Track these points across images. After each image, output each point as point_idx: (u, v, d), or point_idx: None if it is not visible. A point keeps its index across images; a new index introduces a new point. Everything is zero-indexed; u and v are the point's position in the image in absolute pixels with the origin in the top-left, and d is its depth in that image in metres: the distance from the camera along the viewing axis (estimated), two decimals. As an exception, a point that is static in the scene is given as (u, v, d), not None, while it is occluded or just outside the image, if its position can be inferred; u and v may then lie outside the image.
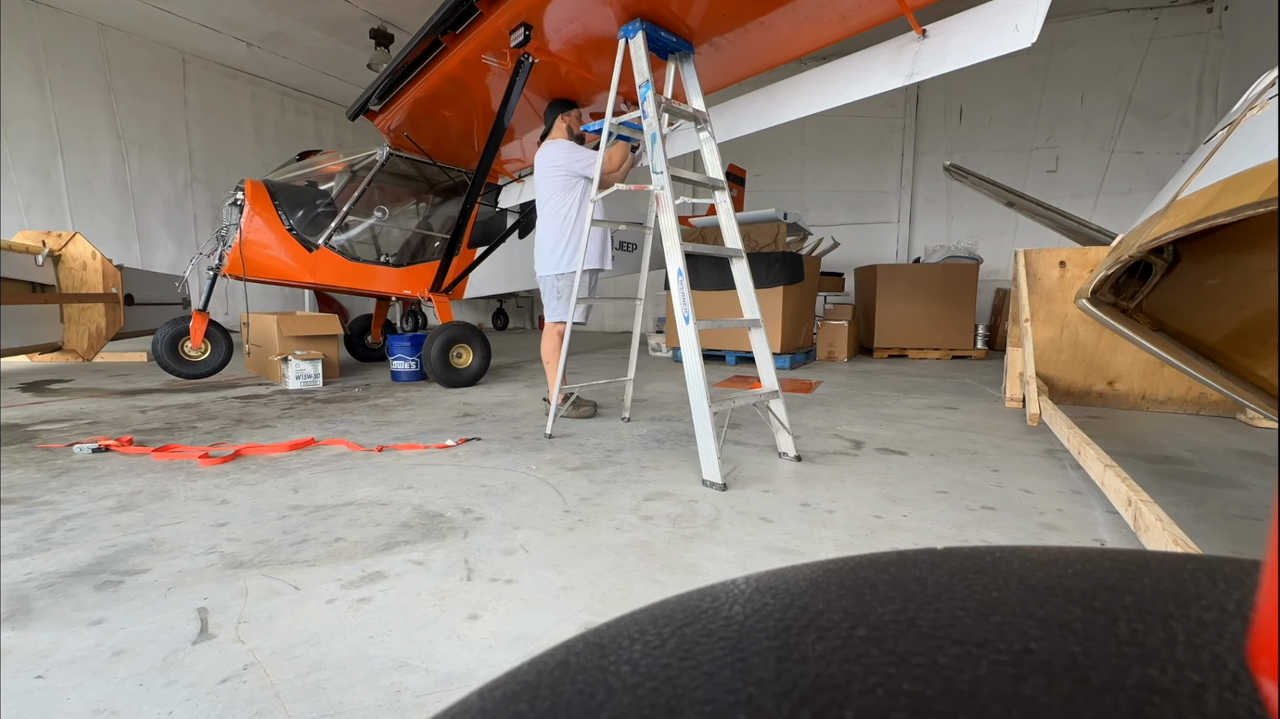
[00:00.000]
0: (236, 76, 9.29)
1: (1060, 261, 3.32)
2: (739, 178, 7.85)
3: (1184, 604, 0.20)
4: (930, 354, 6.03)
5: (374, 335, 5.72)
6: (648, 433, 2.76)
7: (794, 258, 5.16)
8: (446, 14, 2.72)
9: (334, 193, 4.66)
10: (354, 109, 3.90)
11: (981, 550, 0.25)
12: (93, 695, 0.95)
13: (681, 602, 0.24)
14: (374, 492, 1.94)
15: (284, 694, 0.95)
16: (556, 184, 2.95)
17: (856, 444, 2.55)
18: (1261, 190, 0.75)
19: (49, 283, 4.80)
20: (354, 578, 1.34)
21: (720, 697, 0.17)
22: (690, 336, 2.06)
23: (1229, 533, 1.62)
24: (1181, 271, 1.16)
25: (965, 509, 1.79)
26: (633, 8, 2.43)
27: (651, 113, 2.29)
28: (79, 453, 2.38)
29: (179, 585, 1.31)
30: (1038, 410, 2.64)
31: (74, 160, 7.56)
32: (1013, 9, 2.07)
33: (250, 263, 4.21)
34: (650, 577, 1.36)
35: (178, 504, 1.82)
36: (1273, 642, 0.14)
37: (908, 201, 8.91)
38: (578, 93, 3.45)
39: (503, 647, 1.09)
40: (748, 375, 4.69)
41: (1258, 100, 0.93)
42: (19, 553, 1.48)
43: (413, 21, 7.78)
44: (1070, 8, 7.47)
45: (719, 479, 1.96)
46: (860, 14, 2.49)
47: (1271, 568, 0.14)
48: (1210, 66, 7.25)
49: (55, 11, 7.32)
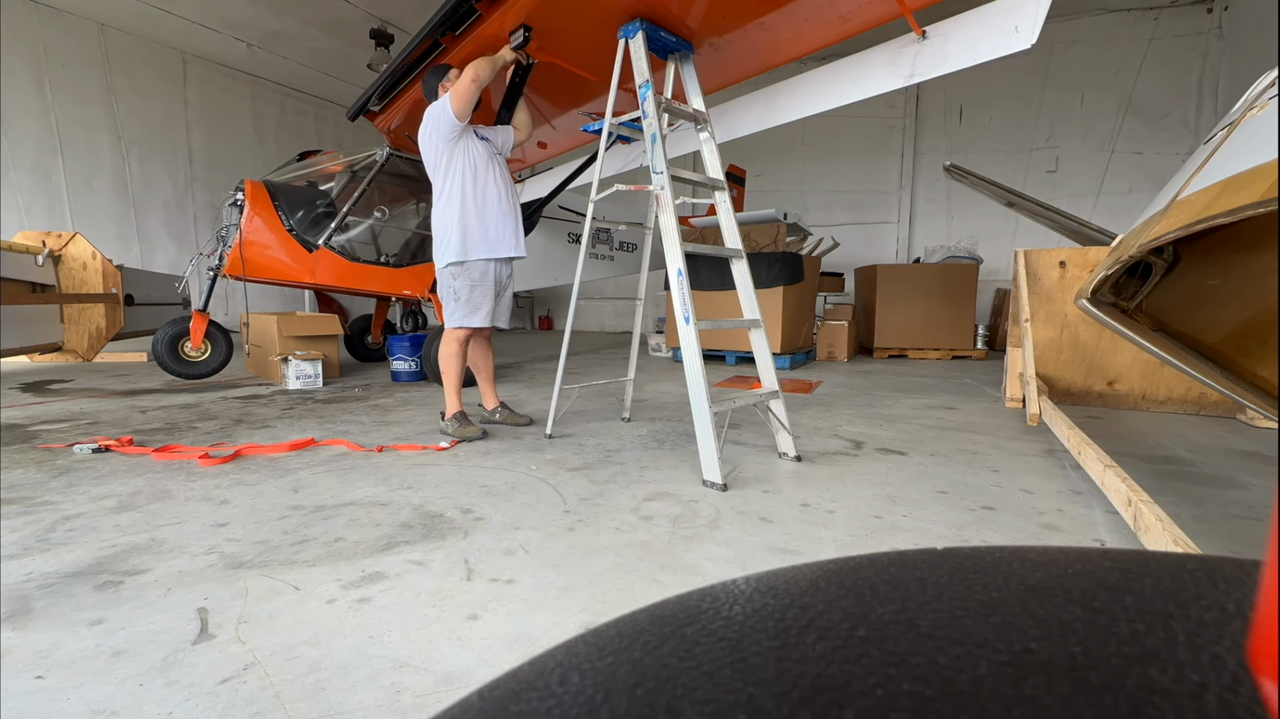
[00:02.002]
0: (236, 77, 9.29)
1: (1060, 261, 3.32)
2: (739, 178, 7.85)
3: (1184, 604, 0.20)
4: (930, 354, 6.03)
5: (374, 335, 5.72)
6: (648, 433, 2.76)
7: (794, 258, 5.16)
8: (446, 15, 2.72)
9: (334, 193, 4.66)
10: (354, 109, 3.90)
11: (981, 550, 0.25)
12: (93, 696, 0.95)
13: (681, 602, 0.24)
14: (374, 492, 1.94)
15: (284, 694, 0.95)
16: (429, 159, 2.62)
17: (856, 444, 2.55)
18: (1261, 190, 0.75)
19: (49, 283, 4.80)
20: (354, 578, 1.34)
21: (720, 697, 0.17)
22: (690, 337, 2.06)
23: (1229, 533, 1.62)
24: (1181, 271, 1.16)
25: (965, 509, 1.79)
26: (633, 8, 2.43)
27: (651, 113, 2.29)
28: (79, 453, 2.38)
29: (179, 585, 1.31)
30: (1038, 410, 2.64)
31: (74, 160, 7.56)
32: (1013, 10, 2.07)
33: (250, 263, 4.21)
34: (650, 577, 1.36)
35: (178, 504, 1.82)
36: (1273, 642, 0.14)
37: (908, 201, 8.91)
38: (578, 94, 3.45)
39: (503, 647, 1.09)
40: (748, 375, 4.69)
41: (1258, 100, 0.93)
42: (19, 553, 1.48)
43: (413, 22, 7.78)
44: (1070, 8, 7.47)
45: (719, 479, 1.96)
46: (860, 15, 2.49)
47: (1271, 568, 0.14)
48: (1210, 67, 7.25)
49: (55, 11, 7.32)
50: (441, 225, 2.64)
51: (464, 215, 2.59)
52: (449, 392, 2.74)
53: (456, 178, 2.58)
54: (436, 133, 2.56)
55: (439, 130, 2.55)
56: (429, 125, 2.59)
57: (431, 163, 2.63)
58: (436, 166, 2.62)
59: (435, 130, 2.56)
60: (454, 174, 2.59)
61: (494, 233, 2.64)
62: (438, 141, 2.57)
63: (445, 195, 2.61)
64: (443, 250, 2.65)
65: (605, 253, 6.28)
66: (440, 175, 2.62)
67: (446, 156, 2.58)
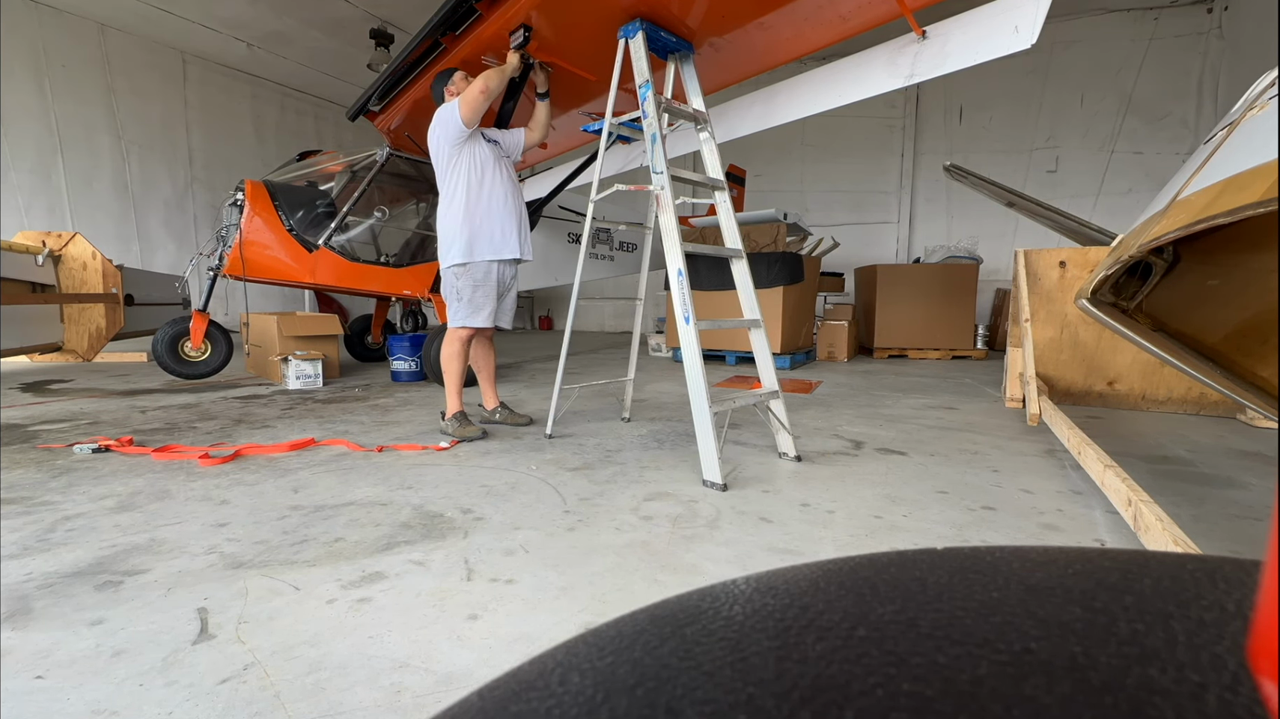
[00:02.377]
0: (236, 77, 9.29)
1: (1060, 261, 3.32)
2: (739, 178, 7.85)
3: (1184, 604, 0.20)
4: (930, 354, 6.03)
5: (374, 335, 5.72)
6: (648, 433, 2.76)
7: (794, 258, 5.16)
8: (446, 15, 2.72)
9: (334, 193, 4.66)
10: (354, 109, 3.90)
11: (981, 550, 0.25)
12: (93, 695, 0.95)
13: (681, 602, 0.24)
14: (374, 492, 1.94)
15: (284, 694, 0.95)
16: (437, 161, 2.66)
17: (856, 444, 2.55)
18: (1261, 190, 0.75)
19: (49, 283, 4.80)
20: (354, 578, 1.34)
21: (720, 697, 0.17)
22: (690, 337, 2.06)
23: (1229, 533, 1.62)
24: (1181, 271, 1.16)
25: (965, 509, 1.79)
26: (632, 8, 2.43)
27: (651, 113, 2.29)
28: (79, 453, 2.38)
29: (179, 585, 1.31)
30: (1038, 410, 2.64)
31: (74, 160, 7.56)
32: (1012, 10, 2.07)
33: (250, 263, 4.21)
34: (650, 577, 1.36)
35: (178, 504, 1.82)
36: (1273, 642, 0.14)
37: (908, 201, 8.91)
38: (578, 94, 3.45)
39: (503, 647, 1.09)
40: (748, 375, 4.69)
41: (1258, 100, 0.93)
42: (19, 553, 1.48)
43: (413, 22, 7.78)
44: (1070, 8, 7.47)
45: (719, 479, 1.96)
46: (860, 15, 2.49)
47: (1271, 568, 0.14)
48: (1210, 66, 7.25)
49: (55, 11, 7.32)
50: (446, 226, 2.66)
51: (469, 216, 2.61)
52: (450, 391, 2.75)
53: (461, 180, 2.62)
54: (444, 136, 2.60)
55: (446, 134, 2.60)
56: (437, 128, 2.63)
57: (438, 164, 2.67)
58: (443, 168, 2.65)
59: (443, 134, 2.60)
60: (459, 176, 2.62)
61: (498, 234, 2.66)
62: (444, 144, 2.61)
63: (450, 196, 2.64)
64: (447, 251, 2.67)
65: (605, 253, 6.28)
66: (446, 177, 2.65)
67: (453, 159, 2.62)
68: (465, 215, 2.61)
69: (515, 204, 2.72)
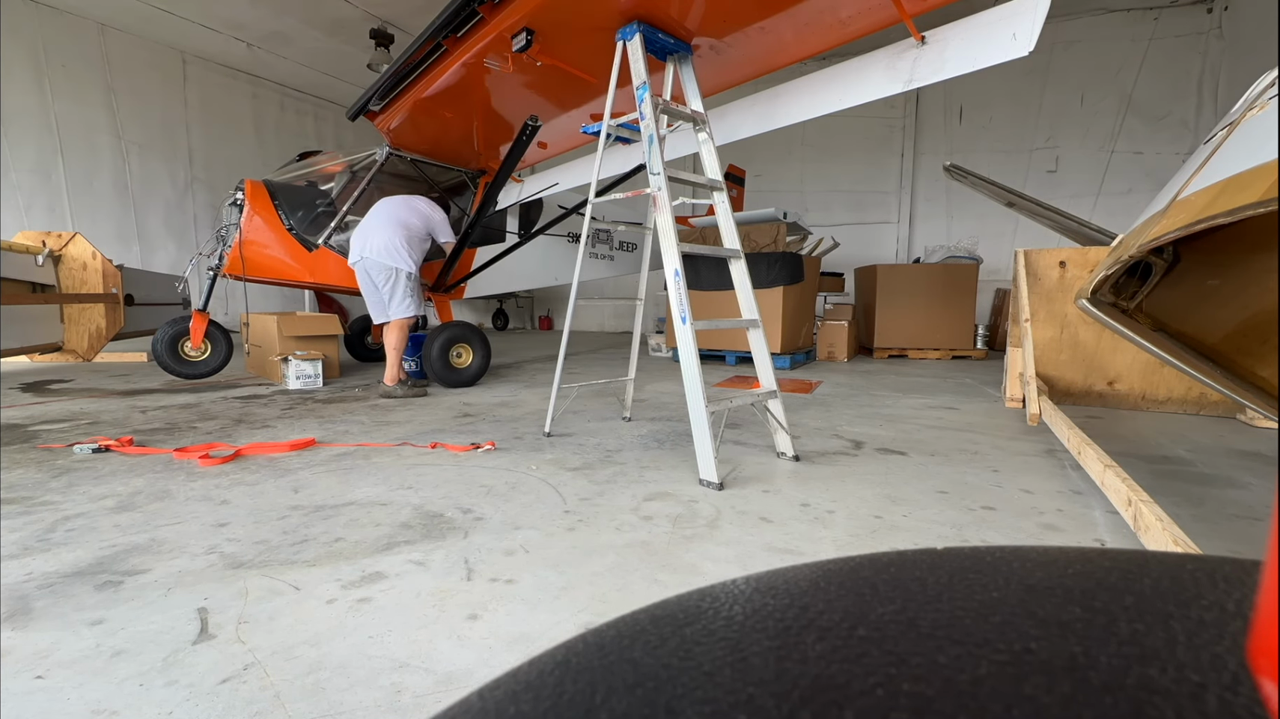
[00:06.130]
0: (236, 77, 9.29)
1: (1060, 261, 3.32)
2: (739, 178, 7.86)
3: (1184, 604, 0.20)
4: (930, 354, 6.03)
5: (374, 335, 5.71)
6: (648, 433, 2.76)
7: (794, 258, 5.16)
8: (449, 17, 2.73)
9: (334, 193, 4.66)
10: (354, 109, 3.90)
11: (981, 550, 0.25)
12: (93, 695, 0.95)
13: (681, 602, 0.24)
14: (374, 492, 1.94)
15: (284, 694, 0.95)
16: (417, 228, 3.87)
17: (856, 444, 2.55)
18: (1261, 190, 0.75)
19: (49, 283, 4.79)
20: (354, 578, 1.34)
21: (720, 697, 0.17)
22: (687, 337, 2.06)
23: (1229, 533, 1.62)
24: (1181, 271, 1.16)
25: (965, 509, 1.79)
26: (631, 11, 2.43)
27: (648, 114, 2.30)
28: (79, 453, 2.38)
29: (179, 585, 1.31)
30: (1038, 410, 2.64)
31: (74, 160, 7.56)
32: (1011, 17, 2.07)
33: (250, 263, 4.21)
34: (650, 577, 1.36)
35: (178, 504, 1.82)
36: (1273, 642, 0.14)
37: (908, 201, 8.91)
38: (578, 95, 3.45)
39: (503, 647, 1.09)
40: (747, 375, 4.68)
41: (1258, 100, 0.93)
42: (19, 553, 1.48)
43: (413, 22, 7.79)
44: (1070, 8, 7.47)
45: (716, 479, 1.96)
46: (860, 20, 2.49)
47: (1271, 568, 0.14)
48: (1210, 66, 7.25)
49: (55, 11, 7.32)
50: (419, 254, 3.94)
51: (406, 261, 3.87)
52: (393, 364, 3.78)
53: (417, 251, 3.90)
54: (418, 218, 3.92)
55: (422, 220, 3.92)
56: (423, 207, 3.95)
57: (417, 227, 3.90)
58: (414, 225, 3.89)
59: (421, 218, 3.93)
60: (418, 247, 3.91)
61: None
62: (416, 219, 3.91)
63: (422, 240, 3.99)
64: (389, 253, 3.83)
65: (605, 253, 6.28)
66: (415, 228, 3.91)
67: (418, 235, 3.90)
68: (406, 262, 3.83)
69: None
